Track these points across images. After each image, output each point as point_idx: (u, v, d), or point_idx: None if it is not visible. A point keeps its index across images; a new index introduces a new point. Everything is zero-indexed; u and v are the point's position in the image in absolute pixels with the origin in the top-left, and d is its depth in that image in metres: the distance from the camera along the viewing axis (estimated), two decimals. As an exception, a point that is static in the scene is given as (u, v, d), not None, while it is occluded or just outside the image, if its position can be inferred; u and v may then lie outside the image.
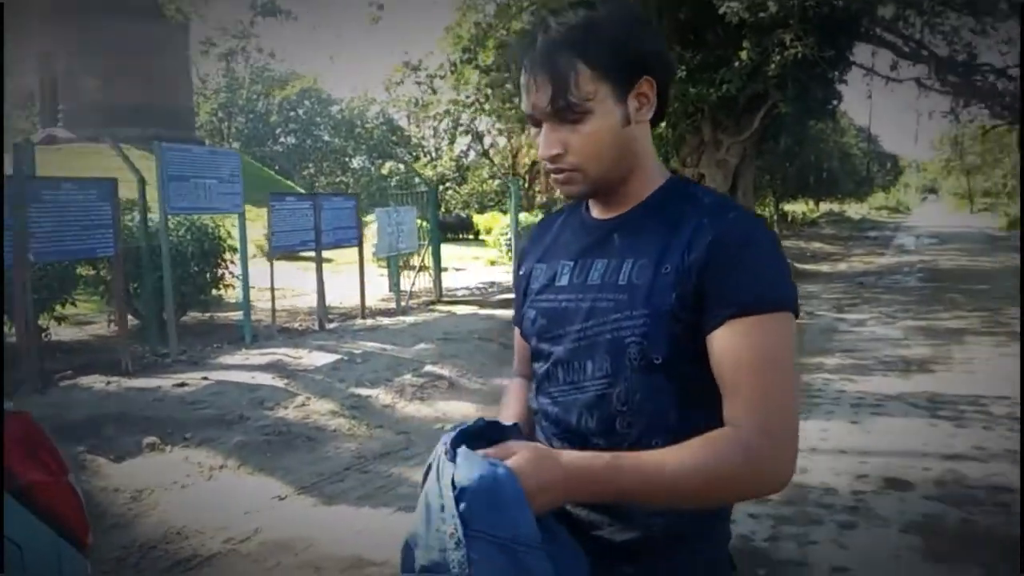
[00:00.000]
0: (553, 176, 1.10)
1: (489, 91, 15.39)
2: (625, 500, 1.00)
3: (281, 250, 7.98)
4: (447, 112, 17.14)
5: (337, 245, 8.83)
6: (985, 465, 4.25)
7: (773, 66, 12.58)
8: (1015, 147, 30.16)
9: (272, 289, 7.71)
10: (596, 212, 1.18)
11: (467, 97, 15.69)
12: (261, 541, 3.50)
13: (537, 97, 1.05)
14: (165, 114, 32.53)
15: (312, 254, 9.76)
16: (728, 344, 1.01)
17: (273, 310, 7.84)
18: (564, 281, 1.15)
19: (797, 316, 1.04)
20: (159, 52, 32.41)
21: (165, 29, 31.53)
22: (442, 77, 15.82)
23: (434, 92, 16.24)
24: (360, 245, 9.16)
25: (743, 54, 12.49)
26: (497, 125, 23.85)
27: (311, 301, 10.36)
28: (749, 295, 1.01)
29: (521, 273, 1.26)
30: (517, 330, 1.30)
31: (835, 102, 17.40)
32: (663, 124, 14.75)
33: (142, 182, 6.91)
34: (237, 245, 8.62)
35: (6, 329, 5.77)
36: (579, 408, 1.10)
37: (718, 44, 13.99)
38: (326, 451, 4.78)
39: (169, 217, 6.78)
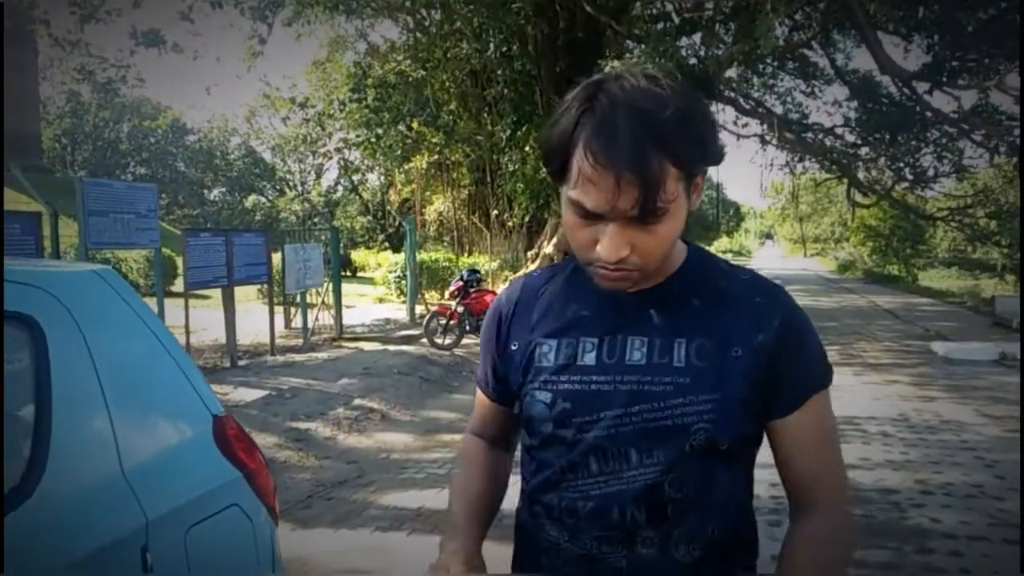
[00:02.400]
0: (604, 272, 0.97)
1: (379, 131, 15.67)
2: None
3: (196, 287, 7.92)
4: (337, 150, 17.27)
5: (248, 281, 8.82)
6: (872, 472, 5.01)
7: (650, 121, 13.67)
8: (842, 198, 33.70)
9: (187, 326, 7.62)
10: None
11: (356, 136, 15.95)
12: (256, 564, 3.65)
13: (621, 200, 0.90)
14: (10, 139, 30.31)
15: (207, 292, 9.65)
16: (807, 424, 1.02)
17: (188, 346, 7.73)
18: (590, 360, 1.03)
19: None
20: (4, 75, 30.31)
21: (11, 51, 29.59)
22: (331, 115, 16.03)
23: (323, 129, 16.37)
24: (270, 281, 9.19)
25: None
26: (366, 161, 24.06)
27: (205, 338, 10.17)
28: (818, 376, 1.04)
29: (514, 348, 1.10)
30: (480, 391, 1.21)
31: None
32: (544, 170, 15.65)
33: (55, 216, 6.73)
34: (138, 281, 8.45)
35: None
36: (624, 501, 1.00)
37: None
38: (283, 481, 4.90)
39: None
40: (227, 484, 1.58)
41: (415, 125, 14.80)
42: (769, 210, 69.47)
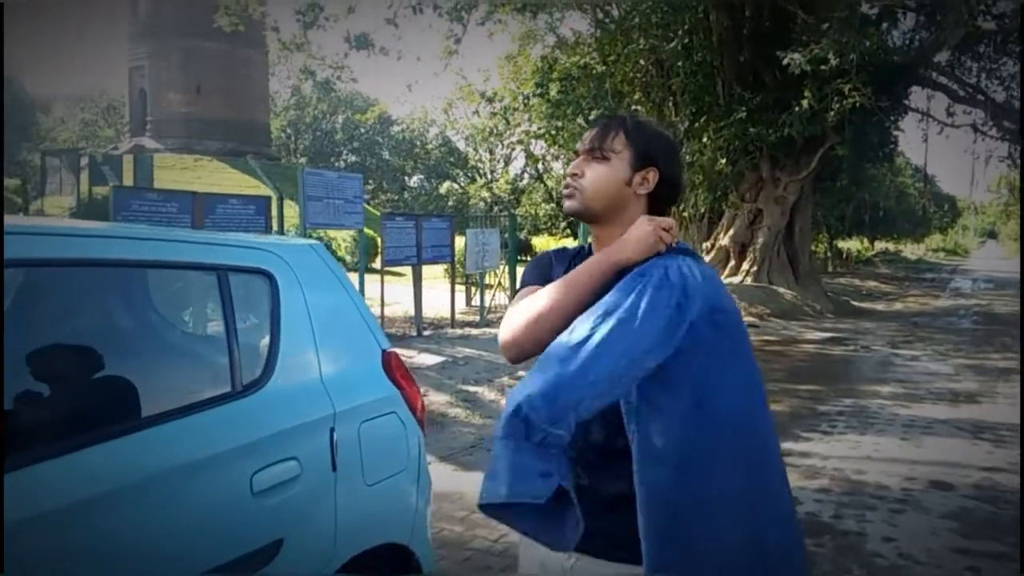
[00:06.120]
0: (565, 189, 1.57)
1: (559, 124, 16.32)
2: None
3: (391, 264, 9.00)
4: (519, 142, 18.18)
5: (434, 261, 9.83)
6: (1017, 477, 4.95)
7: (832, 113, 13.24)
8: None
9: (382, 298, 8.71)
10: None
11: (538, 129, 16.74)
12: (421, 493, 4.42)
13: (589, 140, 1.57)
14: (244, 129, 34.16)
15: (401, 269, 10.80)
16: None
17: (383, 317, 8.82)
18: None
19: None
20: (240, 72, 34.19)
21: (246, 51, 33.35)
22: (516, 109, 16.93)
23: (508, 123, 17.35)
24: (452, 261, 10.16)
25: (804, 102, 13.15)
26: (551, 151, 24.80)
27: (398, 310, 11.36)
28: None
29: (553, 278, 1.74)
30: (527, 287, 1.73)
31: (891, 146, 17.90)
32: (723, 161, 15.38)
33: (281, 199, 7.98)
34: (344, 258, 9.61)
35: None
36: None
37: (777, 87, 14.61)
38: (452, 432, 5.70)
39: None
40: (388, 397, 2.25)
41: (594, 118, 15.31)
42: (991, 206, 62.70)
